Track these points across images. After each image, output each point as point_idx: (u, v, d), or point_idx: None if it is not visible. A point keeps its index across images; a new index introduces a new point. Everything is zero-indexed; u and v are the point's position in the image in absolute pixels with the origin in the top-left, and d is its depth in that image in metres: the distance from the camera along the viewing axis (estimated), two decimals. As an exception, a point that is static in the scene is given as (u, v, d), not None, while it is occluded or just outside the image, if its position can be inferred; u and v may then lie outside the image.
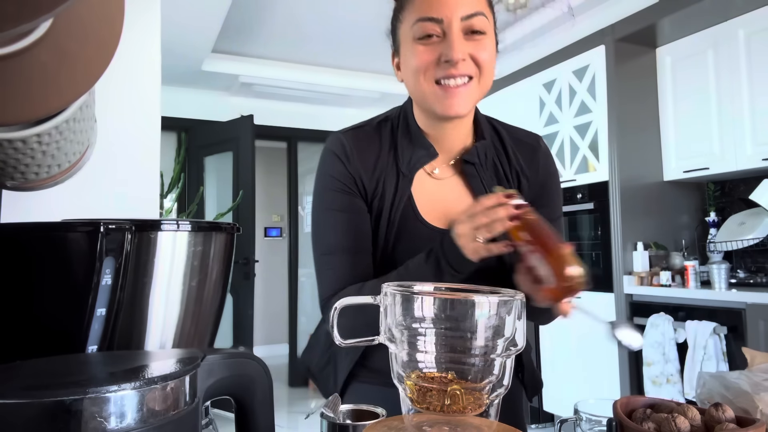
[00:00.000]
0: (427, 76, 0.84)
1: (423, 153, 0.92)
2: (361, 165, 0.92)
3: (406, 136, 0.94)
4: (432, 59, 0.83)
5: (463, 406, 0.50)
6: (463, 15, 0.82)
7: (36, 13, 0.55)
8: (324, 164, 0.94)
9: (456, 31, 0.82)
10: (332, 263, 0.90)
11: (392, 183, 0.92)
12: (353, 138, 0.94)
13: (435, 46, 0.83)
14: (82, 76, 0.75)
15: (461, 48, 0.82)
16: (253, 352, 0.55)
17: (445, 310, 0.50)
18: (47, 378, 0.41)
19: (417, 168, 0.92)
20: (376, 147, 0.94)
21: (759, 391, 0.68)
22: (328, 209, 0.91)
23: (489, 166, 0.95)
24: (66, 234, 0.53)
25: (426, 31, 0.83)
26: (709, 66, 3.02)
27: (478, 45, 0.84)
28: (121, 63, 1.37)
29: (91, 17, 0.75)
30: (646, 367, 2.89)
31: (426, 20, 0.83)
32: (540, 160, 0.98)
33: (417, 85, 0.86)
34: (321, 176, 0.94)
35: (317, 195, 0.94)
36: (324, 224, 0.92)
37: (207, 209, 4.77)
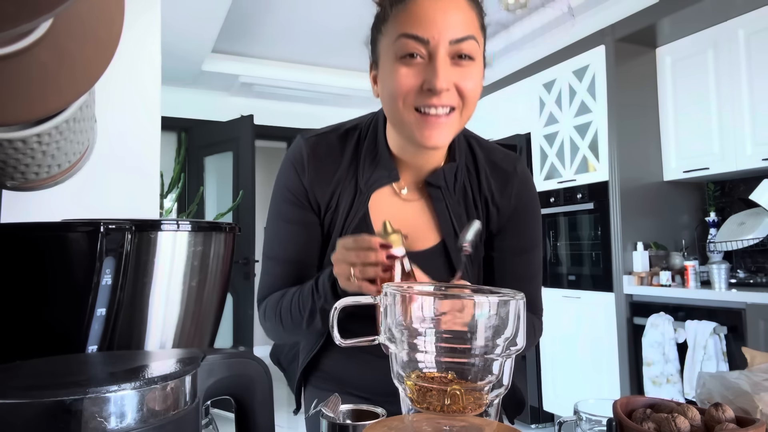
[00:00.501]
0: (406, 102, 0.77)
1: (384, 174, 0.88)
2: (315, 177, 0.89)
3: (370, 153, 0.90)
4: (414, 85, 0.76)
5: (463, 406, 0.50)
6: (452, 38, 0.75)
7: (36, 13, 0.55)
8: (281, 172, 0.92)
9: (442, 56, 0.75)
10: (272, 269, 0.92)
11: (348, 198, 0.89)
12: (313, 147, 0.90)
13: (418, 69, 0.76)
14: (81, 76, 0.75)
15: (446, 76, 0.75)
16: (253, 352, 0.55)
17: (445, 310, 0.50)
18: (47, 378, 0.41)
19: (374, 188, 0.88)
20: (336, 158, 0.90)
21: (759, 391, 0.68)
22: (278, 218, 0.92)
23: (458, 189, 0.90)
24: (66, 234, 0.53)
25: (409, 50, 0.75)
26: (709, 66, 3.02)
27: (464, 73, 0.76)
28: (121, 63, 1.37)
29: (90, 17, 0.75)
30: (646, 367, 2.90)
31: (410, 38, 0.75)
32: (514, 188, 0.92)
33: (394, 110, 0.79)
34: (277, 183, 0.93)
35: (272, 200, 0.94)
36: (272, 231, 0.93)
37: (207, 209, 4.77)
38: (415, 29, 0.75)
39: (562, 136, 3.59)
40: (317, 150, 0.90)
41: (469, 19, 0.77)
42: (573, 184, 3.49)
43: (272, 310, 0.89)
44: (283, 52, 4.37)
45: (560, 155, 3.60)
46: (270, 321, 0.90)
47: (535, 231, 0.95)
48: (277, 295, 0.90)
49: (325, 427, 0.62)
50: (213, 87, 4.77)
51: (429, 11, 0.75)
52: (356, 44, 4.18)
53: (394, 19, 0.78)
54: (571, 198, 3.49)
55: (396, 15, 0.78)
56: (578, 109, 3.47)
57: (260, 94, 4.88)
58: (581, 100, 3.45)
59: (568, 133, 3.55)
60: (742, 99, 2.86)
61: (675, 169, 3.24)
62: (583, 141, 3.43)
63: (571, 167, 3.51)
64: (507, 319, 0.51)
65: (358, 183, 0.89)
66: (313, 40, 4.13)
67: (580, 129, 3.46)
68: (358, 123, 0.94)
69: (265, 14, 3.69)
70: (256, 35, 4.03)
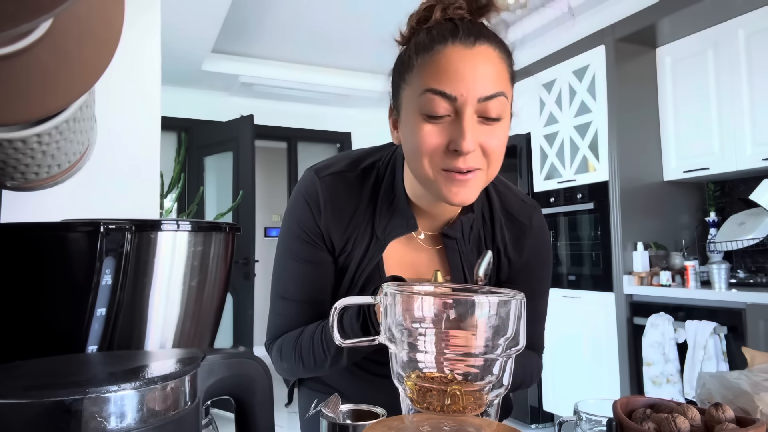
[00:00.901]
0: (433, 162, 0.73)
1: (402, 223, 0.85)
2: (333, 221, 0.85)
3: (388, 198, 0.86)
4: (440, 144, 0.72)
5: (463, 406, 0.50)
6: (481, 96, 0.70)
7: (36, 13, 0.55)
8: (294, 207, 0.88)
9: (470, 115, 0.70)
10: (284, 309, 0.89)
11: (363, 244, 0.86)
12: (331, 187, 0.86)
13: (444, 127, 0.71)
14: (82, 76, 0.75)
15: (473, 137, 0.70)
16: (253, 352, 0.55)
17: (445, 310, 0.50)
18: (47, 378, 0.41)
19: (392, 237, 0.85)
20: (354, 201, 0.86)
21: (759, 391, 0.68)
22: (291, 257, 0.88)
23: (472, 238, 0.88)
24: (66, 234, 0.53)
25: (435, 108, 0.70)
26: (709, 66, 3.02)
27: (490, 132, 0.72)
28: (121, 63, 1.37)
29: (90, 17, 0.75)
30: (646, 367, 2.90)
31: (437, 94, 0.70)
32: (528, 240, 0.90)
33: (420, 168, 0.74)
34: (289, 219, 0.89)
35: (283, 236, 0.89)
36: (284, 269, 0.89)
37: (207, 209, 4.77)
38: (442, 85, 0.70)
39: (562, 136, 3.59)
40: (334, 191, 0.86)
41: (499, 72, 0.73)
42: (573, 184, 3.49)
43: (290, 350, 0.86)
44: (283, 52, 4.37)
45: (560, 155, 3.60)
46: (287, 361, 0.87)
47: (544, 281, 0.94)
48: (293, 335, 0.87)
49: (325, 427, 0.62)
50: (213, 87, 4.77)
51: (458, 65, 0.70)
52: (356, 44, 4.18)
53: (419, 70, 0.73)
54: (571, 198, 3.49)
55: (422, 66, 0.73)
56: (578, 109, 3.47)
57: (260, 94, 4.88)
58: (581, 100, 3.45)
59: (568, 133, 3.55)
60: (742, 99, 2.86)
61: (675, 169, 3.24)
62: (583, 141, 3.43)
63: (571, 167, 3.51)
64: (507, 319, 0.51)
65: (374, 229, 0.86)
66: (313, 40, 4.13)
67: (580, 129, 3.46)
68: (375, 162, 0.89)
69: (265, 14, 3.69)
70: (256, 35, 4.03)
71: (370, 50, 4.23)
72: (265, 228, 6.55)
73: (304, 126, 5.24)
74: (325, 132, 5.36)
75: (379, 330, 0.56)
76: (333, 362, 0.82)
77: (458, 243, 0.87)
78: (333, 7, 3.59)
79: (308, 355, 0.84)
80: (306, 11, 3.64)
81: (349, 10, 3.62)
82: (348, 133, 5.42)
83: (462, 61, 0.70)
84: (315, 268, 0.87)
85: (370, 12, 3.58)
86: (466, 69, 0.70)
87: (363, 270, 0.86)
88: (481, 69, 0.71)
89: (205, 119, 4.78)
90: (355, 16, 3.69)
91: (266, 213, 6.55)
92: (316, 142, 5.45)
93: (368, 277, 0.86)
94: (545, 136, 3.72)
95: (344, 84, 4.77)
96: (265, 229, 6.54)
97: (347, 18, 3.73)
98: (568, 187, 3.52)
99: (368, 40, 4.05)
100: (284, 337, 0.88)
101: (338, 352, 0.81)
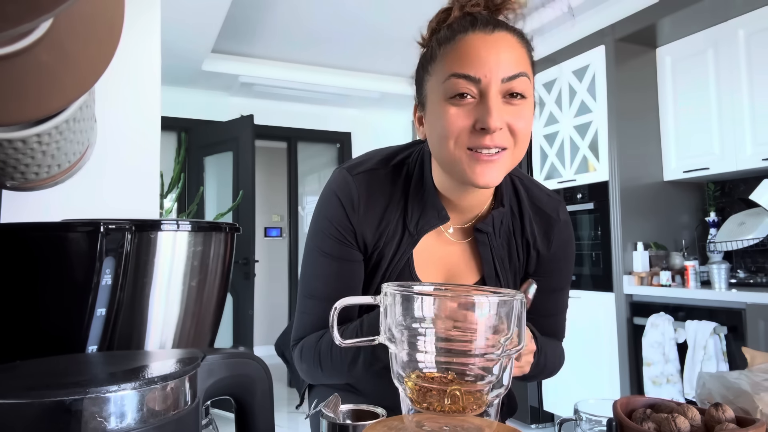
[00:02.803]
0: (458, 142, 0.74)
1: (433, 215, 0.85)
2: (366, 219, 0.85)
3: (418, 192, 0.87)
4: (466, 125, 0.73)
5: (463, 406, 0.50)
6: (504, 76, 0.72)
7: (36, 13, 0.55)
8: (325, 204, 0.88)
9: (494, 95, 0.72)
10: (311, 308, 0.88)
11: (395, 240, 0.86)
12: (365, 185, 0.86)
13: (469, 108, 0.73)
14: (82, 76, 0.75)
15: (499, 115, 0.72)
16: (253, 352, 0.55)
17: (445, 310, 0.50)
18: (47, 378, 0.41)
19: (425, 231, 0.86)
20: (386, 197, 0.87)
21: (759, 391, 0.68)
22: (320, 254, 0.87)
23: (503, 232, 0.89)
24: (66, 234, 0.53)
25: (460, 89, 0.72)
26: (709, 66, 3.02)
27: (516, 112, 0.74)
28: (121, 63, 1.37)
29: (91, 17, 0.75)
30: (646, 367, 2.90)
31: (461, 77, 0.72)
32: (555, 234, 0.92)
33: (445, 151, 0.76)
34: (319, 216, 0.88)
35: (313, 234, 0.89)
36: (313, 267, 0.88)
37: (207, 209, 4.77)
38: (465, 68, 0.72)
39: (562, 136, 3.59)
40: (369, 189, 0.86)
41: (520, 56, 0.75)
42: (573, 184, 3.49)
43: (310, 352, 0.86)
44: (283, 52, 4.37)
45: (560, 155, 3.60)
46: (307, 363, 0.87)
47: (568, 273, 0.95)
48: (313, 337, 0.86)
49: (325, 427, 0.62)
50: (213, 87, 4.77)
51: (480, 49, 0.72)
52: (356, 44, 4.18)
53: (442, 59, 0.75)
54: (571, 198, 3.49)
55: (444, 54, 0.75)
56: (578, 109, 3.47)
57: (260, 94, 4.88)
58: (581, 100, 3.45)
59: (568, 133, 3.55)
60: (742, 99, 2.86)
61: (675, 169, 3.24)
62: (583, 141, 3.43)
63: (571, 167, 3.51)
64: (507, 319, 0.51)
65: (407, 224, 0.86)
66: (313, 40, 4.13)
67: (580, 129, 3.46)
68: (405, 158, 0.90)
69: (265, 14, 3.69)
70: (256, 35, 4.03)
71: (371, 50, 4.23)
72: (265, 228, 6.54)
73: (304, 126, 5.24)
74: (325, 132, 5.36)
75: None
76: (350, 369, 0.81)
77: (489, 237, 0.88)
78: (333, 8, 3.59)
79: (326, 360, 0.83)
80: (306, 11, 3.64)
81: (349, 10, 3.62)
82: (348, 133, 5.42)
83: (483, 45, 0.73)
84: (345, 266, 0.87)
85: (370, 12, 3.58)
86: (489, 52, 0.73)
87: (394, 267, 0.87)
88: (503, 52, 0.73)
89: (205, 119, 4.78)
90: (355, 16, 3.69)
91: (266, 213, 6.55)
92: (316, 142, 5.45)
93: (399, 274, 0.87)
94: (545, 136, 3.72)
95: (344, 84, 4.76)
96: (265, 229, 6.53)
97: (347, 18, 3.73)
98: (568, 187, 3.52)
99: (368, 40, 4.05)
100: (306, 338, 0.87)
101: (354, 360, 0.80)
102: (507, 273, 0.90)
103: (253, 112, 4.55)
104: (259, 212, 6.06)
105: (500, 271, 0.89)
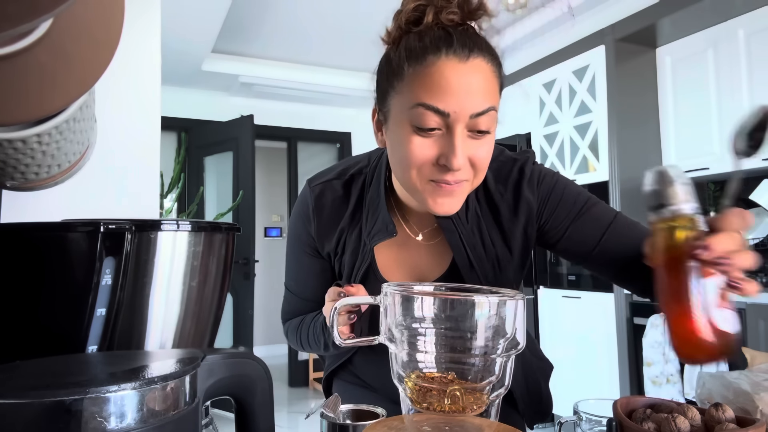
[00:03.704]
0: (421, 173, 0.73)
1: (381, 228, 0.85)
2: (322, 228, 0.90)
3: (373, 203, 0.87)
4: (430, 157, 0.71)
5: (463, 406, 0.50)
6: (473, 112, 0.69)
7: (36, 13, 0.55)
8: (292, 219, 0.97)
9: (460, 131, 0.70)
10: (290, 298, 1.01)
11: (352, 247, 0.89)
12: (318, 196, 0.90)
13: (434, 141, 0.71)
14: (81, 76, 0.75)
15: (463, 153, 0.70)
16: (253, 352, 0.55)
17: (445, 310, 0.50)
18: (47, 378, 0.41)
19: (375, 242, 0.86)
20: (341, 206, 0.90)
21: (759, 391, 0.68)
22: (293, 259, 0.98)
23: (470, 218, 0.86)
24: (66, 234, 0.53)
25: (426, 122, 0.69)
26: (709, 66, 3.02)
27: (479, 146, 0.72)
28: (121, 63, 1.37)
29: (90, 17, 0.75)
30: (646, 367, 2.89)
31: (429, 109, 0.69)
32: (529, 190, 0.85)
33: (407, 178, 0.74)
34: (289, 228, 0.99)
35: (287, 240, 0.99)
36: (289, 267, 1.00)
37: (207, 209, 4.77)
38: (434, 100, 0.68)
39: (562, 136, 3.59)
40: (322, 199, 0.91)
41: (491, 87, 0.72)
42: (573, 184, 3.49)
43: (293, 334, 0.99)
44: (283, 52, 4.37)
45: (560, 155, 3.60)
46: (292, 341, 1.01)
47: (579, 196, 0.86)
48: (295, 322, 0.98)
49: (325, 427, 0.62)
50: (213, 87, 4.77)
51: (451, 80, 0.68)
52: (356, 44, 4.18)
53: (411, 81, 0.71)
54: (571, 198, 3.49)
55: (414, 76, 0.70)
56: (578, 109, 3.47)
57: (260, 94, 4.88)
58: (581, 100, 3.45)
59: (568, 133, 3.55)
60: (742, 98, 2.86)
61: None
62: (583, 141, 3.43)
63: (571, 167, 3.51)
64: (507, 319, 0.51)
65: (362, 233, 0.88)
66: (313, 40, 4.13)
67: (580, 129, 3.46)
68: (362, 168, 0.91)
69: (265, 14, 3.69)
70: (256, 35, 4.03)
71: (370, 50, 4.22)
72: (265, 228, 6.54)
73: (304, 126, 5.24)
74: (325, 132, 5.36)
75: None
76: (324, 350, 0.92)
77: (455, 223, 0.84)
78: (333, 7, 3.59)
79: (305, 341, 0.95)
80: (306, 11, 3.64)
81: (349, 10, 3.62)
82: (348, 133, 5.42)
83: (456, 76, 0.69)
84: (312, 272, 0.96)
85: (370, 12, 3.58)
86: (460, 85, 0.69)
87: (357, 272, 0.89)
88: (475, 85, 0.69)
89: (205, 119, 4.79)
90: (355, 16, 3.69)
91: (266, 213, 6.55)
92: (316, 142, 5.45)
93: (364, 276, 0.89)
94: (545, 136, 3.72)
95: (344, 84, 4.77)
96: (265, 229, 6.53)
97: (347, 18, 3.73)
98: (568, 187, 3.52)
99: (368, 40, 4.04)
100: (291, 321, 1.00)
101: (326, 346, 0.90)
102: (483, 262, 0.86)
103: (253, 112, 4.55)
104: (259, 212, 6.07)
105: (473, 260, 0.85)
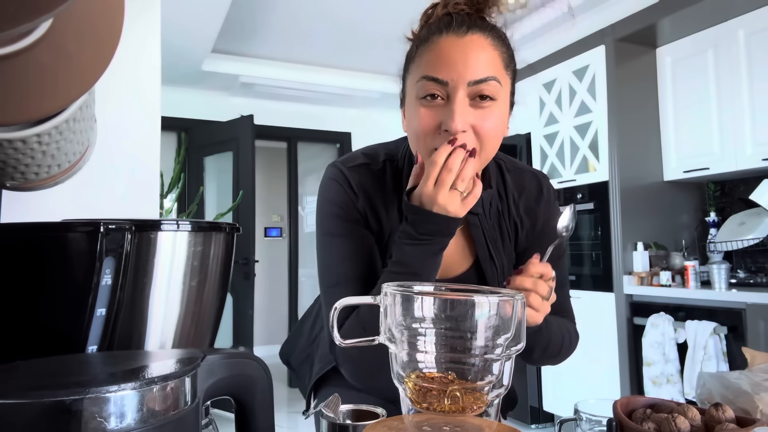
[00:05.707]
0: (426, 142, 0.77)
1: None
2: (366, 205, 0.87)
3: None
4: (432, 125, 0.76)
5: (463, 406, 0.50)
6: (471, 80, 0.74)
7: (36, 13, 0.55)
8: (327, 191, 0.88)
9: (460, 98, 0.74)
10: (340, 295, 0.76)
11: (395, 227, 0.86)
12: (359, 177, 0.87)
13: (437, 110, 0.76)
14: (81, 76, 0.75)
15: (463, 118, 0.74)
16: (253, 352, 0.55)
17: (445, 310, 0.50)
18: (47, 378, 0.41)
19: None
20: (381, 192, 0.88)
21: (759, 391, 0.68)
22: (333, 236, 0.86)
23: (492, 214, 0.90)
24: (66, 234, 0.53)
25: (429, 91, 0.75)
26: (709, 66, 3.02)
27: (483, 114, 0.75)
28: (121, 63, 1.37)
29: (91, 17, 0.75)
30: (646, 367, 2.89)
31: (430, 80, 0.75)
32: (541, 209, 0.93)
33: (419, 149, 0.79)
34: (324, 202, 0.88)
35: (320, 223, 0.88)
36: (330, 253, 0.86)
37: (207, 209, 4.77)
38: (435, 71, 0.75)
39: (562, 136, 3.59)
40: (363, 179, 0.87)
41: (491, 59, 0.76)
42: (573, 184, 3.49)
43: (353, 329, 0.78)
44: (283, 52, 4.37)
45: (560, 155, 3.60)
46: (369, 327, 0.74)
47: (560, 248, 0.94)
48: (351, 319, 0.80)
49: (325, 427, 0.62)
50: (213, 87, 4.77)
51: (450, 53, 0.75)
52: (356, 44, 4.18)
53: (419, 60, 0.79)
54: (571, 198, 3.49)
55: (421, 55, 0.78)
56: (578, 109, 3.47)
57: (260, 94, 4.88)
58: (581, 100, 3.45)
59: (568, 133, 3.55)
60: (742, 99, 2.86)
61: (675, 169, 3.24)
62: (583, 141, 3.43)
63: (571, 167, 3.51)
64: (507, 319, 0.51)
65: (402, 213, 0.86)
66: (313, 40, 4.13)
67: (580, 129, 3.46)
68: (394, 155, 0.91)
69: (265, 14, 3.69)
70: (256, 35, 4.03)
71: (370, 50, 4.23)
72: (265, 228, 6.54)
73: (304, 126, 5.24)
74: (325, 132, 5.36)
75: None
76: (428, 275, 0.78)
77: (480, 219, 0.88)
78: (333, 8, 3.59)
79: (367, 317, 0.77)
80: (306, 11, 3.64)
81: (348, 10, 3.62)
82: (348, 133, 5.42)
83: (453, 48, 0.75)
84: (358, 242, 0.85)
85: (370, 12, 3.58)
86: (458, 56, 0.75)
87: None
88: (472, 55, 0.75)
89: (205, 119, 4.78)
90: (354, 16, 3.69)
91: (266, 213, 6.55)
92: (316, 142, 5.45)
93: None
94: (545, 136, 3.72)
95: (344, 84, 4.77)
96: (265, 229, 6.53)
97: (347, 18, 3.73)
98: (569, 187, 3.52)
99: (368, 40, 4.05)
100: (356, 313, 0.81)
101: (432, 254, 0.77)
102: (501, 255, 0.90)
103: (253, 112, 4.55)
104: (259, 212, 6.06)
105: (494, 253, 0.89)
